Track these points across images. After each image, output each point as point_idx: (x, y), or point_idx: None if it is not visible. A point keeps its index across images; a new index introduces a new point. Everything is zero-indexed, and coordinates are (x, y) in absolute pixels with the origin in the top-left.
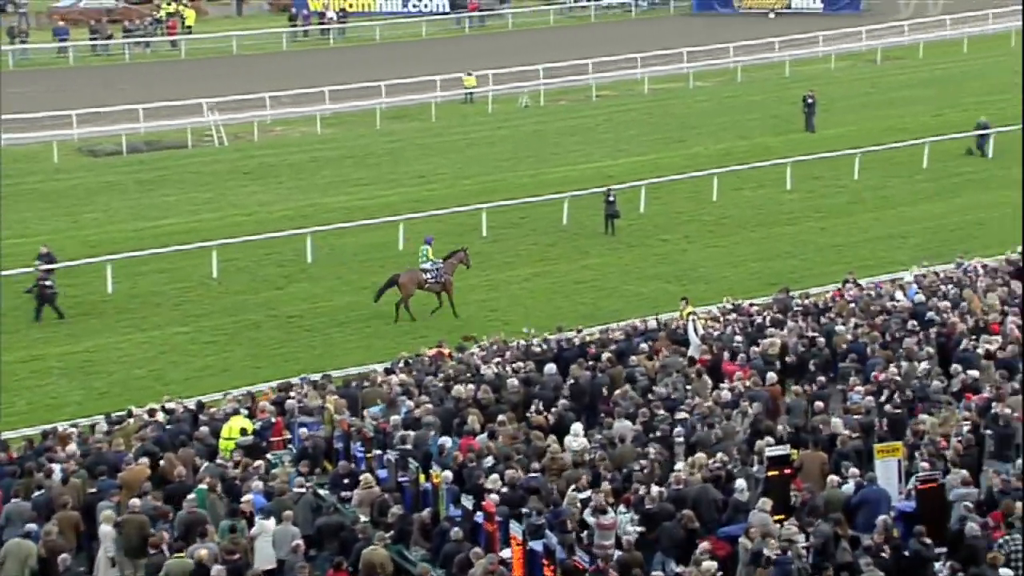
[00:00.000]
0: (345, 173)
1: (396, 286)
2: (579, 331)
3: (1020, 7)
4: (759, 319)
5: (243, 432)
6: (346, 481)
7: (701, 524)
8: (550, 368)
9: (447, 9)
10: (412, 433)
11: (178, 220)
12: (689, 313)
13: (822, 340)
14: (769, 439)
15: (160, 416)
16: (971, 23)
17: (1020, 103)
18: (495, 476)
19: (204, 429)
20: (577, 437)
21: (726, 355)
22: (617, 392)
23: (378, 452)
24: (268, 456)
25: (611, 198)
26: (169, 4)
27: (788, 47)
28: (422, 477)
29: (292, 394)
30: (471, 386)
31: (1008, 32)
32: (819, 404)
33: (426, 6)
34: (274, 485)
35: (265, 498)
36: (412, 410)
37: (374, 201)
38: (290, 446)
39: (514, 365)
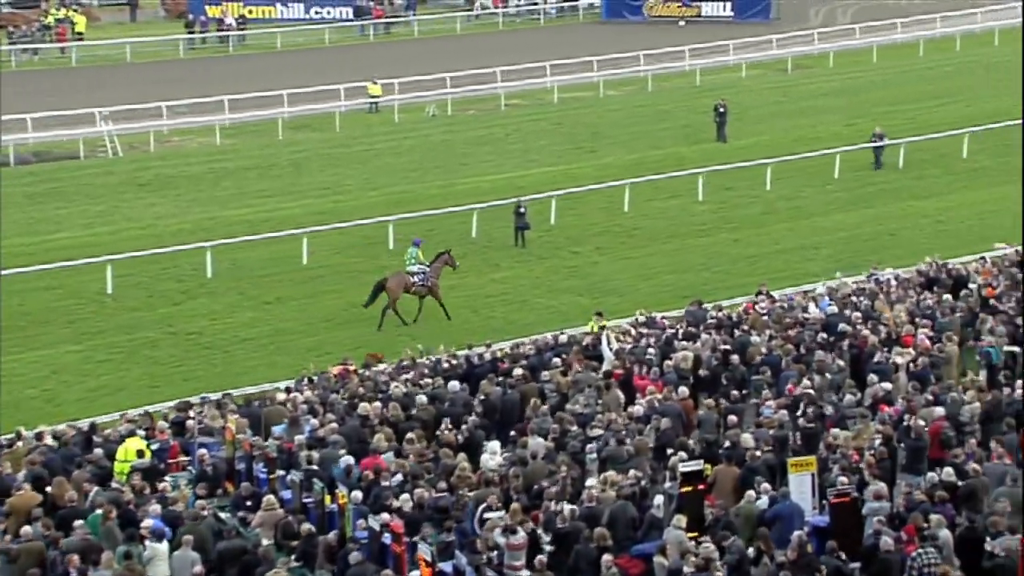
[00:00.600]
0: (246, 185)
1: (383, 291)
2: (489, 346)
3: (957, 14)
4: (672, 332)
5: (139, 454)
6: (248, 503)
7: (615, 542)
8: (455, 385)
9: (351, 16)
10: (317, 453)
11: (71, 234)
12: (602, 327)
13: (735, 354)
14: (682, 454)
15: (48, 439)
16: (880, 32)
17: (951, 109)
18: (404, 496)
19: (98, 451)
20: (495, 455)
21: (638, 369)
22: (529, 408)
23: (282, 473)
24: (166, 479)
25: (521, 210)
26: (58, 9)
27: (699, 55)
28: (327, 498)
29: (191, 414)
30: (378, 404)
31: (916, 41)
32: (732, 418)
33: (329, 13)
34: (173, 508)
35: (164, 522)
36: (317, 429)
37: (277, 214)
38: (189, 468)
39: (423, 382)
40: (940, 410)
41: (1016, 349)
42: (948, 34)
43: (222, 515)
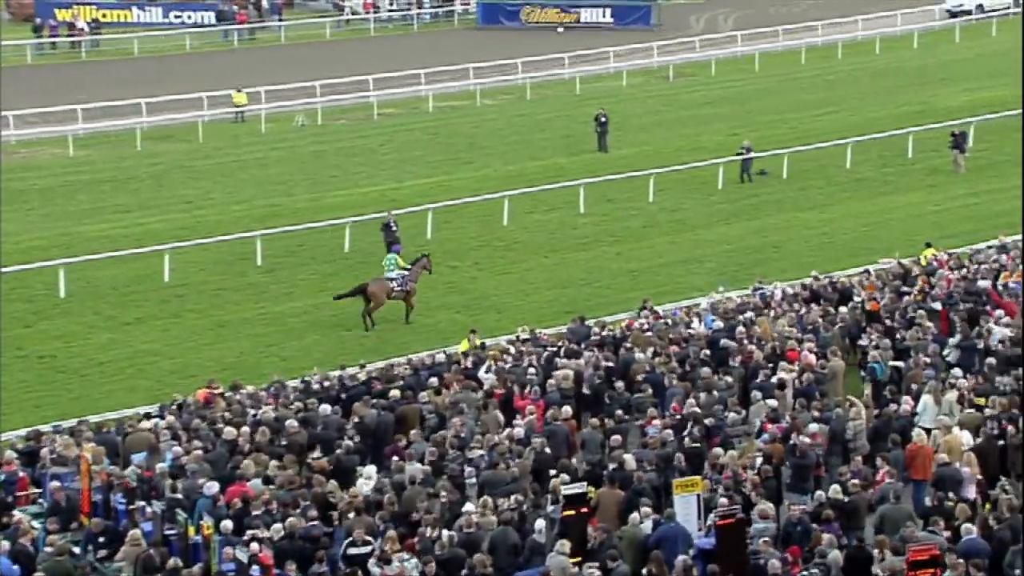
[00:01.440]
0: (103, 199)
1: (364, 295)
2: (363, 366)
3: (839, 22)
4: (554, 350)
5: None
6: (101, 539)
7: (496, 569)
8: (326, 408)
9: (213, 21)
10: (180, 482)
11: None
12: (479, 345)
13: (619, 372)
14: (565, 476)
15: None
16: (762, 40)
17: (834, 118)
18: (276, 525)
19: None
20: (369, 480)
21: (519, 389)
22: (412, 432)
23: (142, 503)
24: (15, 513)
25: (392, 225)
26: None
27: (578, 63)
28: (191, 529)
29: (43, 443)
30: (246, 428)
31: (798, 49)
32: (616, 438)
33: (189, 17)
34: (23, 544)
35: (12, 560)
36: (180, 456)
37: (136, 229)
38: (40, 500)
39: (293, 405)
40: (824, 427)
41: (900, 364)
42: (830, 42)
43: (76, 550)
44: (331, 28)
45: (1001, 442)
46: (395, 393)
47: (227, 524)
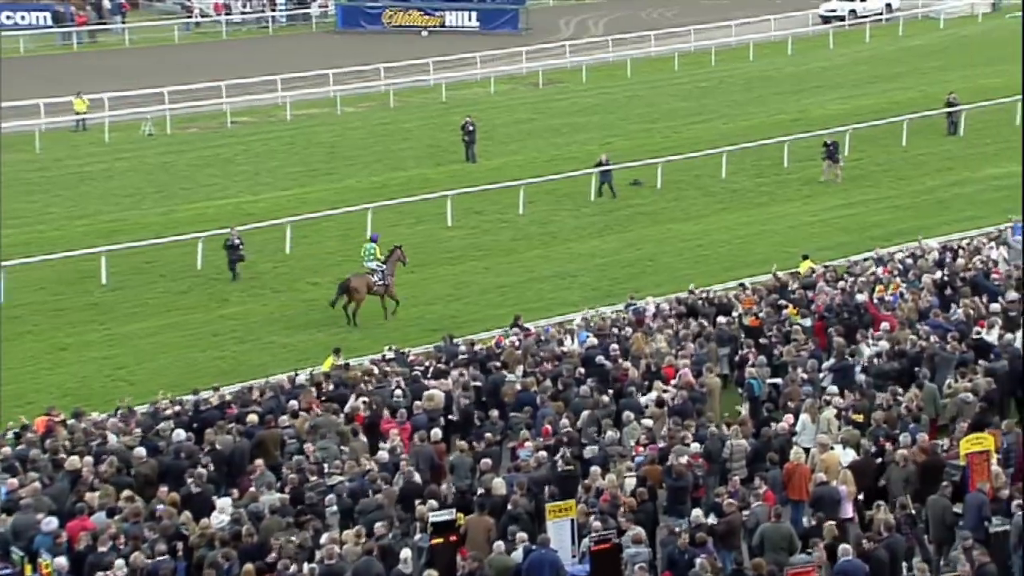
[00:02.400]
0: None
1: (348, 291)
2: (217, 389)
3: (711, 27)
4: (421, 370)
5: None
6: None
7: None
8: (180, 434)
9: (49, 22)
10: (14, 517)
11: None
12: (342, 365)
13: (489, 392)
14: (432, 503)
15: None
16: (633, 45)
17: (708, 126)
18: (120, 561)
19: None
20: (223, 512)
21: (385, 412)
22: (261, 461)
23: None
24: None
25: (238, 243)
26: None
27: (444, 68)
28: (28, 568)
29: None
30: (89, 458)
31: (671, 55)
32: (486, 462)
33: (23, 18)
34: None
35: None
36: (15, 489)
37: None
38: None
39: (141, 432)
40: (698, 447)
41: (778, 381)
42: (703, 47)
43: None
44: (179, 31)
45: (879, 460)
46: (252, 418)
47: (60, 561)
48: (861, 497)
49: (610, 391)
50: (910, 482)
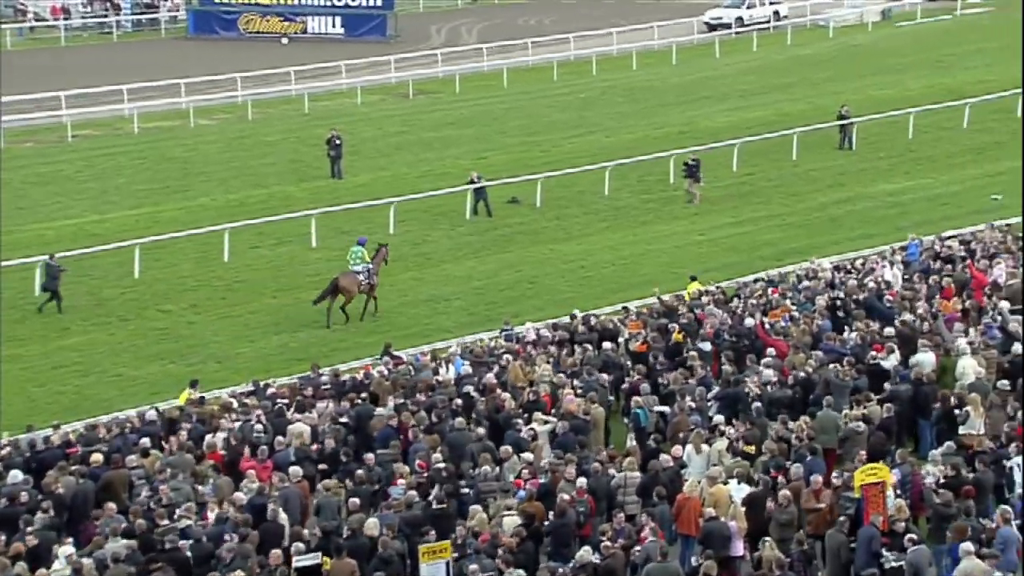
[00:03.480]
0: None
1: (338, 291)
2: (57, 427)
3: (592, 34)
4: (284, 403)
5: None
6: None
7: None
8: (16, 475)
9: None
10: None
11: None
12: (198, 399)
13: (358, 425)
14: (298, 545)
15: None
16: (509, 53)
17: (590, 140)
18: None
19: None
20: (62, 562)
21: (246, 449)
22: (109, 505)
23: None
24: None
25: (55, 267)
26: None
27: (307, 78)
28: None
29: None
30: None
31: (549, 64)
32: (355, 501)
33: None
34: None
35: None
36: None
37: None
38: None
39: None
40: (583, 481)
41: (666, 409)
42: (583, 56)
43: None
44: (11, 36)
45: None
46: (97, 457)
47: None
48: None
49: (487, 423)
50: (791, 525)
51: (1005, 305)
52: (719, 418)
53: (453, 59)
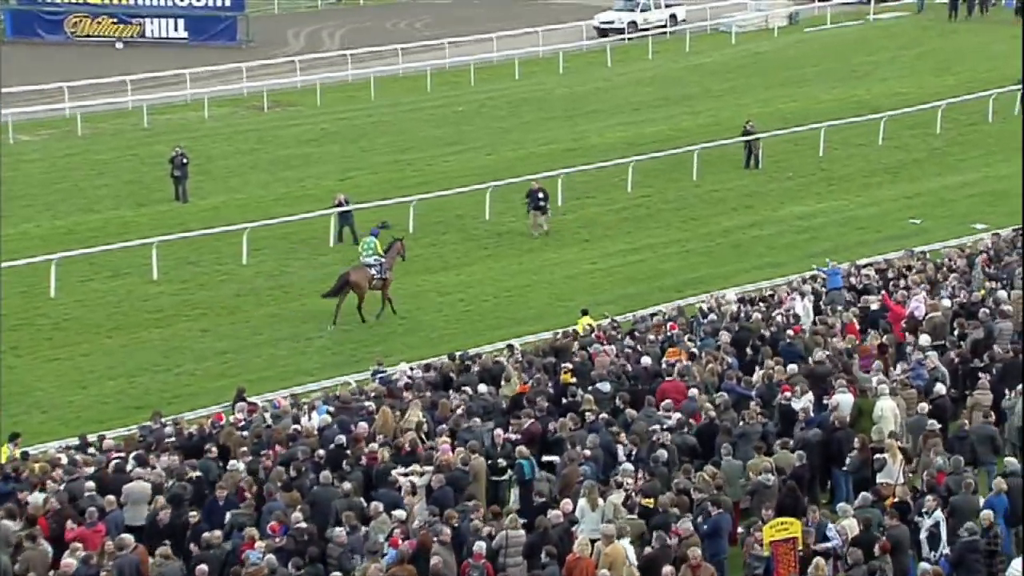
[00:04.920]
0: None
1: (348, 286)
2: None
3: (469, 40)
4: (120, 459)
5: None
6: None
7: None
8: None
9: None
10: None
11: None
12: (19, 456)
13: (207, 483)
14: None
15: None
16: (378, 61)
17: (468, 158)
18: None
19: None
20: None
21: (76, 513)
22: None
23: None
24: None
25: None
26: None
27: (145, 88)
28: None
29: None
30: None
31: (422, 73)
32: (203, 569)
33: None
34: None
35: None
36: None
37: None
38: None
39: None
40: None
41: (554, 459)
42: (460, 64)
43: None
44: None
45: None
46: None
47: None
48: None
49: (356, 477)
50: None
51: (925, 340)
52: (627, 466)
53: (313, 67)
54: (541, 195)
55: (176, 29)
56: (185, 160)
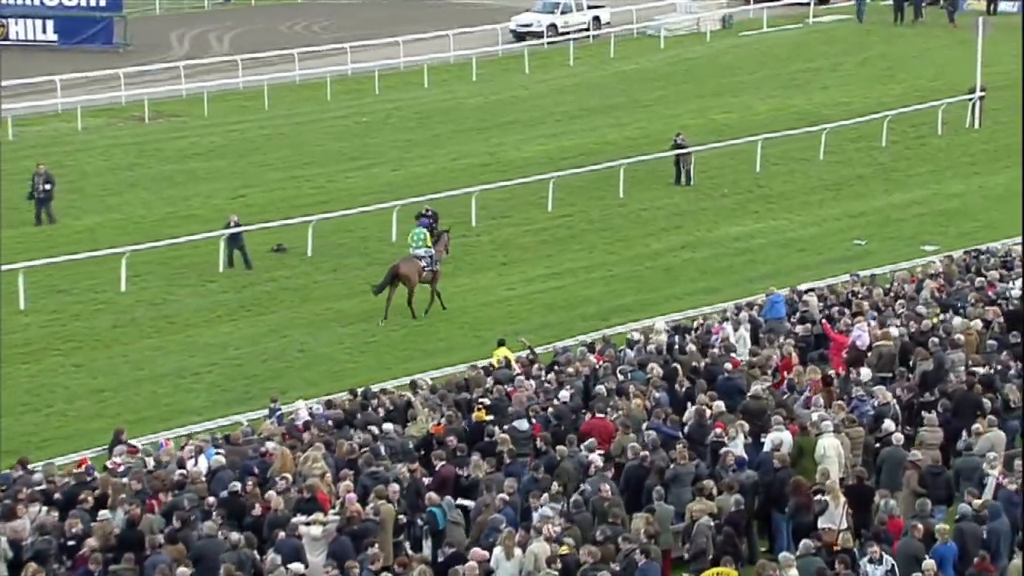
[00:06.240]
0: None
1: (398, 278)
2: None
3: (374, 44)
4: None
5: None
6: None
7: None
8: None
9: None
10: None
11: None
12: None
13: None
14: None
15: None
16: (271, 67)
17: (373, 174)
18: None
19: None
20: None
21: None
22: None
23: None
24: None
25: None
26: None
27: (10, 96)
28: None
29: None
30: None
31: (322, 80)
32: None
33: None
34: None
35: None
36: None
37: None
38: None
39: None
40: None
41: (469, 504)
42: (364, 71)
43: None
44: None
45: None
46: None
47: None
48: None
49: (247, 527)
50: None
51: (867, 373)
52: (546, 511)
53: (200, 74)
54: (431, 218)
55: (45, 31)
56: (50, 181)
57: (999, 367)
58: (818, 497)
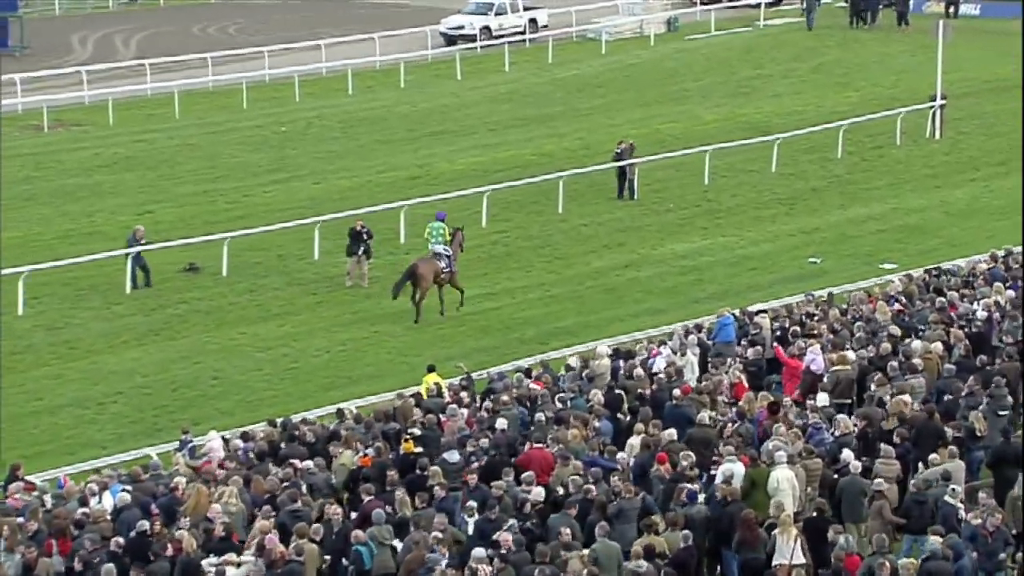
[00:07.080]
0: None
1: (414, 278)
2: None
3: (296, 47)
4: None
5: None
6: None
7: None
8: None
9: None
10: None
11: None
12: None
13: None
14: None
15: None
16: (181, 72)
17: (294, 188)
18: None
19: None
20: None
21: None
22: None
23: None
24: None
25: None
26: None
27: None
28: None
29: None
30: None
31: (236, 87)
32: None
33: None
34: None
35: None
36: None
37: None
38: None
39: None
40: None
41: (397, 544)
42: (282, 77)
43: None
44: None
45: None
46: None
47: None
48: None
49: (159, 569)
50: None
51: (823, 399)
52: (478, 551)
53: (104, 79)
54: (366, 235)
55: None
56: None
57: (965, 393)
58: (762, 531)
